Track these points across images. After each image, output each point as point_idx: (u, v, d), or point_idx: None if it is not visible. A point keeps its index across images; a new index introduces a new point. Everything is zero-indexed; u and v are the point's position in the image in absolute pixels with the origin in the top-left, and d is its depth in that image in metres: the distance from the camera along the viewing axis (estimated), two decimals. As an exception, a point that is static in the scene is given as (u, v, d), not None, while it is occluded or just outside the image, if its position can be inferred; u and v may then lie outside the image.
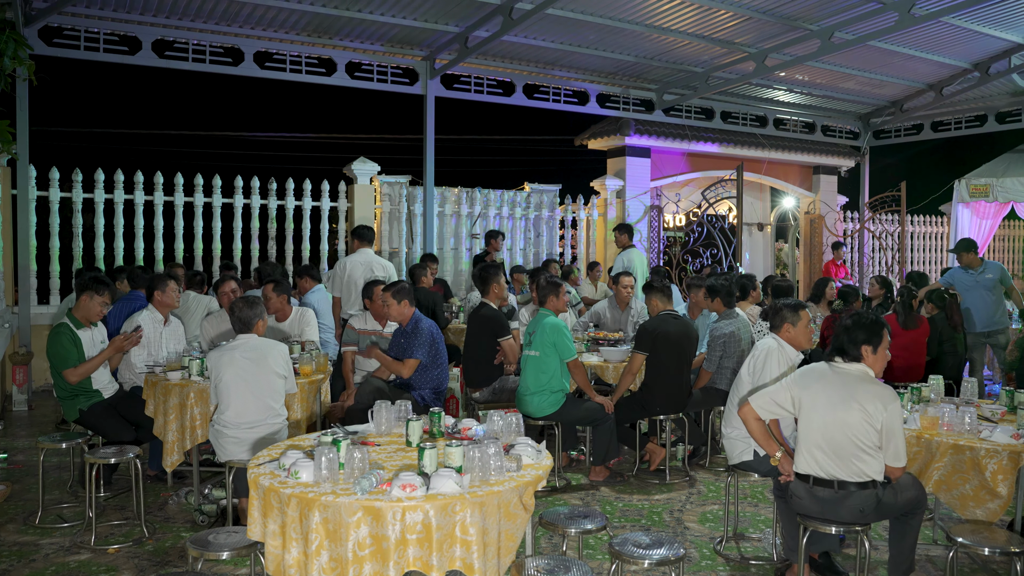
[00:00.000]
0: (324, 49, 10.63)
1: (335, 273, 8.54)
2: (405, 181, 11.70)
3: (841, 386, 4.00)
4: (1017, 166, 13.41)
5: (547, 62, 11.91)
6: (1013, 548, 3.82)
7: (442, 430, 4.17)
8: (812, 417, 4.01)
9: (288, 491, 3.30)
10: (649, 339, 6.31)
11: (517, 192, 12.69)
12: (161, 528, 5.24)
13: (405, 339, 6.10)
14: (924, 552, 5.06)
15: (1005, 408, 5.06)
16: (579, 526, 3.91)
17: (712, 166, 14.35)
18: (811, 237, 15.92)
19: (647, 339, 6.32)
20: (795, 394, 4.10)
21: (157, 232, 10.16)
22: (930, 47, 11.84)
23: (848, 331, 4.07)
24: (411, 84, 11.28)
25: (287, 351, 5.13)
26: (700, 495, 6.11)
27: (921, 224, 17.14)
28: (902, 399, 5.03)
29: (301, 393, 5.73)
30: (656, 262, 13.41)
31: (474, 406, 6.82)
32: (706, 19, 10.51)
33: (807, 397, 4.04)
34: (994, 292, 8.76)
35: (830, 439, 3.95)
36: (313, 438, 4.08)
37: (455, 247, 12.11)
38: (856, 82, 13.50)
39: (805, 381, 4.12)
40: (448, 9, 9.85)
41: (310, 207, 11.15)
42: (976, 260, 8.85)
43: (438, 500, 3.19)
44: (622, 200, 13.33)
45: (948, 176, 14.13)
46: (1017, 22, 10.93)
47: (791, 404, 4.11)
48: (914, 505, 4.12)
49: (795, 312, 4.99)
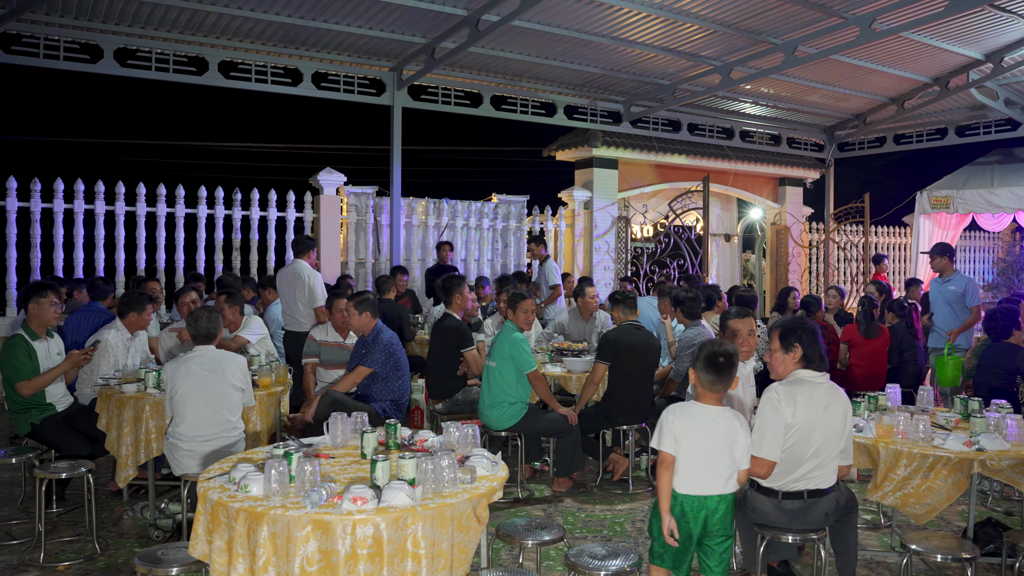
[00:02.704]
0: (290, 59, 10.59)
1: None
2: (372, 192, 11.66)
3: (831, 397, 3.95)
4: (976, 178, 13.64)
5: (515, 74, 11.95)
6: (965, 554, 3.86)
7: (398, 442, 4.13)
8: (808, 436, 3.85)
9: (236, 505, 3.24)
10: (612, 349, 6.32)
11: (485, 203, 12.69)
12: (114, 544, 5.14)
13: (365, 349, 6.07)
14: (880, 559, 5.10)
15: (959, 416, 5.12)
16: (536, 538, 3.89)
17: (679, 177, 14.44)
18: (777, 248, 16.07)
19: (609, 349, 6.33)
20: (792, 417, 3.83)
21: (118, 243, 10.02)
22: (891, 62, 12.02)
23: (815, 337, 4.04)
24: (378, 95, 11.26)
25: (245, 363, 5.07)
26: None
27: (885, 235, 17.38)
28: (859, 408, 5.07)
29: (261, 405, 5.67)
30: (624, 273, 13.47)
31: (438, 418, 6.79)
32: (672, 32, 10.60)
33: (801, 416, 3.84)
34: (953, 306, 8.31)
35: (819, 451, 3.90)
36: (266, 451, 4.03)
37: (422, 258, 12.07)
38: (820, 95, 13.67)
39: (803, 399, 3.86)
40: (415, 20, 9.85)
41: (275, 218, 11.08)
42: (947, 267, 8.40)
43: (389, 513, 3.15)
44: (590, 211, 13.38)
45: (910, 188, 14.32)
46: (975, 38, 11.14)
47: (787, 428, 3.86)
48: (852, 504, 4.17)
49: (723, 322, 4.99)
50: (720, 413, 3.66)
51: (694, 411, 3.67)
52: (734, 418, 3.68)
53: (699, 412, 3.66)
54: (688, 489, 3.62)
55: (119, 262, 10.04)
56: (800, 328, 4.02)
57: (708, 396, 3.68)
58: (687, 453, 3.60)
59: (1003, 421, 4.68)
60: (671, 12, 9.89)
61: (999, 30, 10.89)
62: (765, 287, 16.09)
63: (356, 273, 11.50)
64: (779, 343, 4.02)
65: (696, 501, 3.62)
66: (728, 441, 3.62)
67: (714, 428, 3.63)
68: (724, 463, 3.63)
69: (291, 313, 7.94)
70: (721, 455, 3.62)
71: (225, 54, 10.15)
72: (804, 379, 3.94)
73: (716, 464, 3.62)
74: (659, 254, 13.95)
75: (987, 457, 4.36)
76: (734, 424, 3.66)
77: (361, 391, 6.12)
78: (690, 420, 3.63)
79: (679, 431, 3.61)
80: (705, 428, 3.62)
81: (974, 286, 8.24)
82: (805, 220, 16.45)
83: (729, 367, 3.65)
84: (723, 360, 3.65)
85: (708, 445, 3.62)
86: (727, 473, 3.63)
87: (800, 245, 16.08)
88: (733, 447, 3.63)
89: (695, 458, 3.61)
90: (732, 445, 3.63)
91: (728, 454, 3.62)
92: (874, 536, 5.52)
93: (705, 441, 3.61)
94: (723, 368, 3.64)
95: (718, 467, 3.62)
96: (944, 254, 8.39)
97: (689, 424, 3.62)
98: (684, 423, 3.62)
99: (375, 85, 11.26)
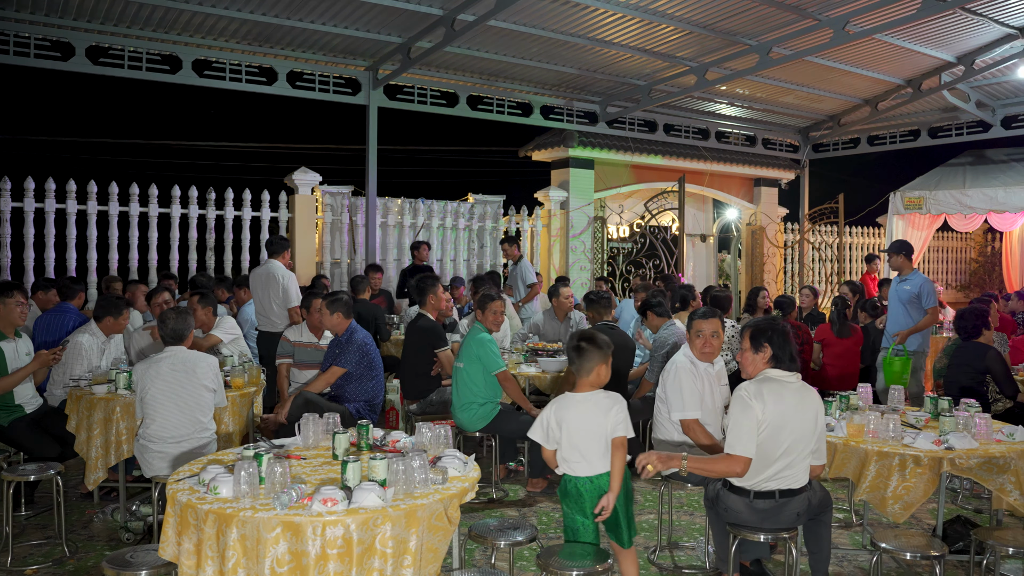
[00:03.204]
0: (265, 58, 10.51)
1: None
2: (348, 191, 11.61)
3: (800, 397, 3.96)
4: (949, 179, 13.82)
5: (491, 74, 11.94)
6: (933, 552, 3.90)
7: (370, 443, 4.11)
8: (777, 434, 3.87)
9: (206, 507, 3.22)
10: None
11: (461, 203, 12.67)
12: (84, 547, 5.08)
13: (339, 349, 6.04)
14: (852, 557, 5.14)
15: (929, 415, 5.17)
16: (509, 538, 3.88)
17: (655, 178, 14.49)
18: (752, 248, 16.17)
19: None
20: (762, 413, 3.85)
21: (90, 242, 9.91)
22: (865, 63, 12.13)
23: (792, 341, 4.06)
24: (354, 94, 11.21)
25: (216, 363, 5.04)
26: (637, 505, 6.13)
27: (859, 235, 17.56)
28: (830, 407, 5.11)
29: (233, 406, 5.64)
30: (600, 273, 13.50)
31: (412, 418, 6.77)
32: (648, 33, 10.63)
33: (770, 414, 3.86)
34: (907, 306, 7.95)
35: (789, 451, 3.91)
36: (236, 452, 4.00)
37: (398, 258, 12.04)
38: (795, 96, 13.77)
39: (771, 398, 3.88)
40: (391, 20, 9.81)
41: (250, 217, 11.01)
42: (904, 266, 8.08)
43: (359, 514, 3.14)
44: (566, 211, 13.40)
45: (884, 189, 14.47)
46: (946, 41, 11.27)
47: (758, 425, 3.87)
48: (825, 503, 4.19)
49: (690, 322, 5.01)
50: (588, 397, 3.86)
51: (567, 402, 3.89)
52: (605, 398, 3.86)
53: (572, 401, 3.88)
54: (581, 472, 3.83)
55: (91, 262, 9.93)
56: (771, 328, 4.04)
57: (579, 383, 3.90)
58: (568, 441, 3.82)
59: (972, 420, 4.73)
60: (647, 13, 9.92)
61: (970, 33, 11.03)
62: (741, 287, 16.19)
63: (332, 273, 11.45)
64: (749, 343, 4.06)
65: (589, 482, 3.83)
66: (603, 421, 3.81)
67: (587, 413, 3.83)
68: (605, 443, 3.82)
69: (265, 314, 7.89)
70: (600, 436, 3.81)
71: (199, 52, 10.06)
72: (774, 378, 3.96)
73: (597, 445, 3.81)
74: (635, 254, 14.00)
75: (956, 456, 4.40)
76: (605, 403, 3.85)
77: (335, 392, 6.10)
78: (565, 411, 3.86)
79: (555, 423, 3.86)
80: (580, 414, 3.83)
81: (931, 287, 7.95)
82: (780, 220, 16.57)
83: (581, 351, 3.86)
84: (577, 344, 3.90)
85: (589, 429, 3.81)
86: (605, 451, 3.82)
87: (775, 245, 16.20)
88: (606, 424, 3.81)
89: (578, 444, 3.82)
90: (607, 423, 3.81)
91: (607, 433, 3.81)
92: (846, 534, 5.57)
93: (584, 426, 3.82)
94: (578, 352, 3.87)
95: (600, 448, 3.81)
96: (900, 252, 8.14)
97: (565, 415, 3.85)
98: (560, 415, 3.86)
99: (351, 84, 11.21)
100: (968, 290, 17.64)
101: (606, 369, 3.89)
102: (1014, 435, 4.73)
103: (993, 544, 4.06)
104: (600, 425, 3.80)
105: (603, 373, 3.88)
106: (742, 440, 3.84)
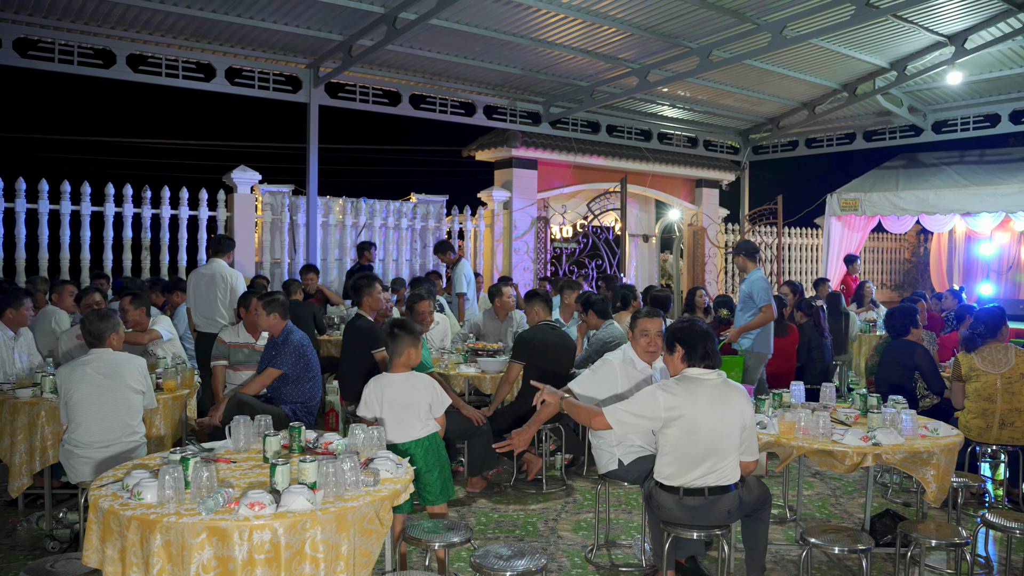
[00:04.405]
0: (203, 54, 10.31)
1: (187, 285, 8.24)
2: (288, 191, 11.45)
3: (719, 394, 4.01)
4: (883, 182, 14.19)
5: (434, 73, 11.88)
6: (860, 546, 3.98)
7: (302, 445, 4.05)
8: (694, 433, 3.91)
9: (129, 513, 3.13)
10: (526, 349, 6.34)
11: (403, 203, 12.60)
12: (5, 557, 4.91)
13: (275, 351, 5.95)
14: (785, 552, 5.23)
15: (859, 412, 5.28)
16: (444, 539, 3.87)
17: (598, 178, 14.59)
18: (694, 248, 16.38)
19: (524, 349, 6.35)
20: (671, 405, 3.92)
21: (18, 241, 9.61)
22: (802, 67, 12.38)
23: (711, 338, 4.12)
24: (294, 92, 11.06)
25: (144, 365, 4.92)
26: (576, 504, 6.15)
27: (797, 236, 17.91)
28: (763, 405, 5.19)
29: (165, 409, 5.52)
30: (543, 273, 13.54)
31: (351, 420, 6.69)
32: (591, 35, 10.69)
33: (688, 414, 3.90)
34: (743, 304, 7.81)
35: (714, 449, 3.94)
36: (162, 456, 3.91)
37: (340, 258, 11.91)
38: (735, 99, 13.98)
39: (683, 393, 3.96)
40: (332, 17, 9.70)
41: (187, 216, 10.78)
42: (745, 265, 7.93)
43: (287, 518, 3.09)
44: (509, 211, 13.41)
45: (821, 190, 14.80)
46: (880, 47, 11.56)
47: (662, 414, 3.94)
48: (763, 501, 4.24)
49: (633, 321, 5.05)
50: (405, 378, 4.55)
51: (385, 380, 4.56)
52: (413, 378, 4.57)
53: (389, 380, 4.55)
54: (397, 439, 4.46)
55: (19, 262, 9.62)
56: (680, 329, 4.15)
57: (394, 365, 4.59)
58: (389, 413, 4.47)
59: (898, 416, 4.84)
60: (589, 14, 9.98)
61: (902, 40, 11.34)
62: (683, 287, 16.39)
63: (272, 273, 11.29)
64: (665, 345, 4.25)
65: (404, 448, 4.46)
66: (416, 397, 4.51)
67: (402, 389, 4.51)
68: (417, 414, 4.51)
69: (210, 315, 7.72)
70: (411, 408, 4.49)
71: (134, 47, 9.81)
72: (691, 376, 4.05)
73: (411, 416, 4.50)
74: (578, 254, 14.06)
75: (883, 451, 4.51)
76: (415, 383, 4.54)
77: (271, 393, 6.00)
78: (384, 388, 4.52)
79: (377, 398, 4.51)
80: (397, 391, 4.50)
81: (762, 284, 7.76)
82: (721, 221, 16.80)
83: (394, 336, 4.58)
84: (390, 330, 4.63)
85: (403, 402, 4.49)
86: (421, 421, 4.52)
87: (716, 246, 16.42)
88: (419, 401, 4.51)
89: (396, 415, 4.47)
90: (419, 399, 4.51)
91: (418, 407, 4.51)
92: (780, 530, 5.65)
93: (400, 400, 4.48)
94: (391, 337, 4.59)
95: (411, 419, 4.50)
96: (740, 252, 8.02)
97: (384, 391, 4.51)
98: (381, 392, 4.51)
99: (291, 82, 11.06)
100: (902, 290, 18.13)
101: (416, 352, 4.57)
102: (938, 430, 4.87)
103: (917, 537, 4.17)
104: (412, 400, 4.47)
105: (413, 356, 4.57)
106: (624, 413, 4.07)
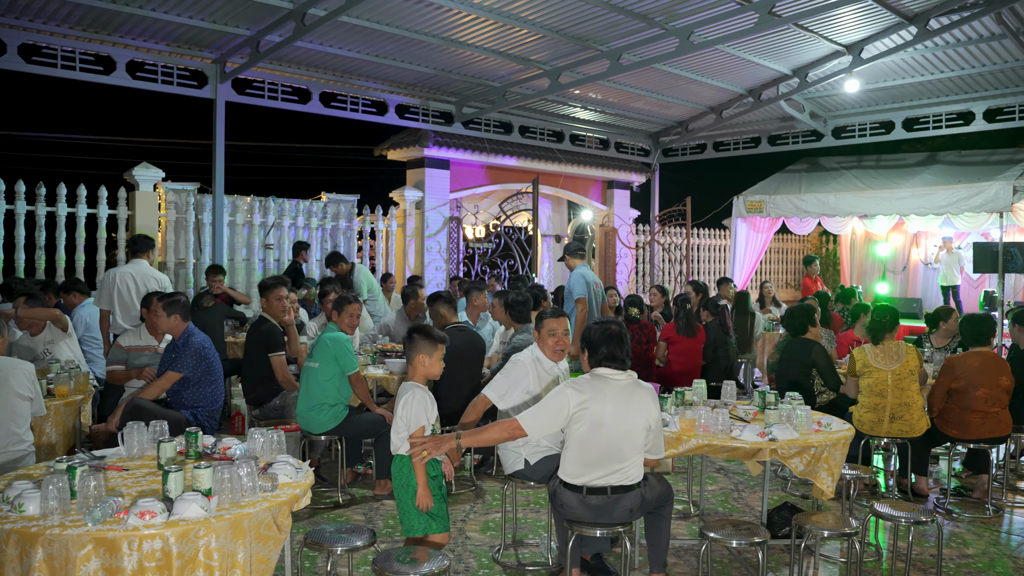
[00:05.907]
0: (102, 46, 9.92)
1: (103, 285, 7.96)
2: (193, 189, 11.13)
3: (626, 394, 4.04)
4: (786, 185, 14.67)
5: (344, 71, 11.73)
6: (756, 539, 4.09)
7: (199, 451, 3.94)
8: (598, 430, 3.94)
9: (8, 527, 2.99)
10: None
11: (313, 202, 12.40)
12: None
13: (176, 353, 5.78)
14: (688, 546, 5.34)
15: (757, 408, 5.44)
16: (347, 544, 3.81)
17: (511, 179, 14.65)
18: (606, 249, 16.59)
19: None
20: (580, 400, 3.95)
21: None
22: (710, 73, 12.67)
23: (619, 339, 4.15)
24: (199, 87, 10.76)
25: (32, 370, 4.71)
26: (485, 504, 6.16)
27: (705, 237, 18.34)
28: (665, 404, 5.29)
29: (57, 416, 5.32)
30: (456, 273, 13.52)
31: (256, 423, 6.56)
32: (503, 35, 10.72)
33: (594, 409, 3.94)
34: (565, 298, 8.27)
35: (617, 449, 3.98)
36: (47, 466, 3.75)
37: (247, 258, 11.65)
38: (645, 102, 14.22)
39: (591, 390, 4.00)
40: (238, 11, 9.47)
41: (85, 214, 10.37)
42: (569, 264, 8.33)
43: (179, 526, 3.00)
44: (421, 211, 13.34)
45: (729, 193, 15.19)
46: (783, 54, 11.94)
47: (572, 410, 3.96)
48: (665, 498, 4.31)
49: (539, 322, 5.10)
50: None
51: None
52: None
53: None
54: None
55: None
56: (588, 330, 4.22)
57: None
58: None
59: (794, 412, 5.01)
60: (501, 15, 10.01)
61: (804, 48, 11.74)
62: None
63: (176, 273, 10.96)
64: (577, 347, 4.37)
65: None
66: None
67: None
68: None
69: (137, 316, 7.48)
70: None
71: (26, 36, 9.37)
72: (600, 375, 4.09)
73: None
74: (491, 255, 14.09)
75: (778, 446, 4.65)
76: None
77: (171, 397, 5.83)
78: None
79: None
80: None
81: (576, 279, 8.15)
82: (632, 222, 17.08)
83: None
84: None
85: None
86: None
87: (627, 246, 16.68)
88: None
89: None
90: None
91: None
92: (684, 525, 5.78)
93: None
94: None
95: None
96: (565, 255, 8.41)
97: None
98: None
99: (196, 77, 10.75)
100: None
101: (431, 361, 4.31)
102: (831, 425, 5.05)
103: (811, 528, 4.31)
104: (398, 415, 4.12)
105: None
106: (538, 417, 4.05)
